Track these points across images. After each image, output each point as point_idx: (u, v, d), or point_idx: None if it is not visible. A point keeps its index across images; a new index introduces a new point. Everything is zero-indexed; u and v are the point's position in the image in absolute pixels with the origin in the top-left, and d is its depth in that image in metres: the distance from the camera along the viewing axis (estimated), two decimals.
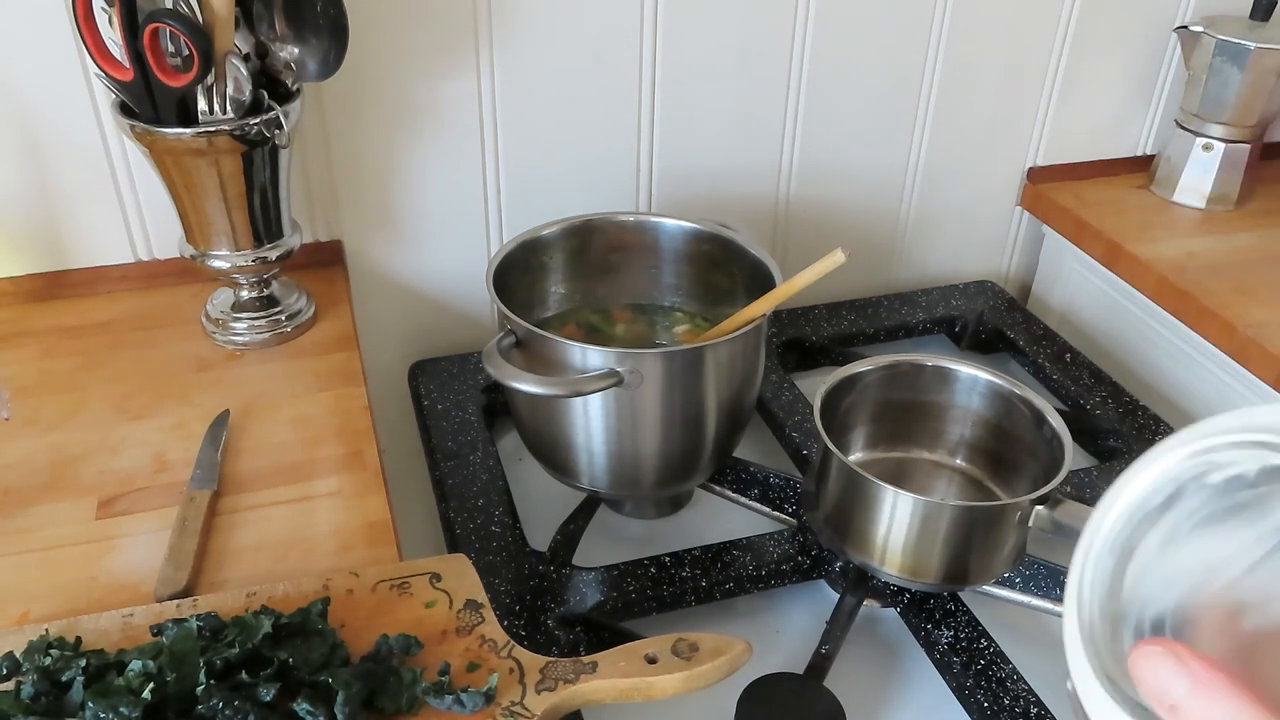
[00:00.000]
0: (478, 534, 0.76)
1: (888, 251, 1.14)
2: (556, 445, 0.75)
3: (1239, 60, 1.01)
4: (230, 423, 0.75)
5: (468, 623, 0.58)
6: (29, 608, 0.60)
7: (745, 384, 0.75)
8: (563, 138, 0.96)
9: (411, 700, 0.53)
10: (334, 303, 0.90)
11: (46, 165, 0.85)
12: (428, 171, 0.94)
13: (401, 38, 0.87)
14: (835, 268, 0.66)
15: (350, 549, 0.65)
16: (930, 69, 1.03)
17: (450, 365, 0.96)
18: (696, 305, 0.86)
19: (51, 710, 0.50)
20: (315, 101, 0.87)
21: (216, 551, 0.64)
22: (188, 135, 0.72)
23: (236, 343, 0.84)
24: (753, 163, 1.03)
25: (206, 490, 0.68)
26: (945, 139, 1.08)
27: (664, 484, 0.77)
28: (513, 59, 0.91)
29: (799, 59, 0.98)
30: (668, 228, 0.84)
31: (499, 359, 0.66)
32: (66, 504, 0.68)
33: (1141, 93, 1.12)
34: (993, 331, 1.05)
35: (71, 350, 0.83)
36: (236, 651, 0.52)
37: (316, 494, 0.69)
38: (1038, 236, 1.17)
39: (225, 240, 0.80)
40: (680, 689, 0.55)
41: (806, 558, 0.76)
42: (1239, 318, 0.90)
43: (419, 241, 0.97)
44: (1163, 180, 1.11)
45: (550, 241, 0.82)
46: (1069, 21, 1.05)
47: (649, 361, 0.68)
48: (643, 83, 0.95)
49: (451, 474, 0.82)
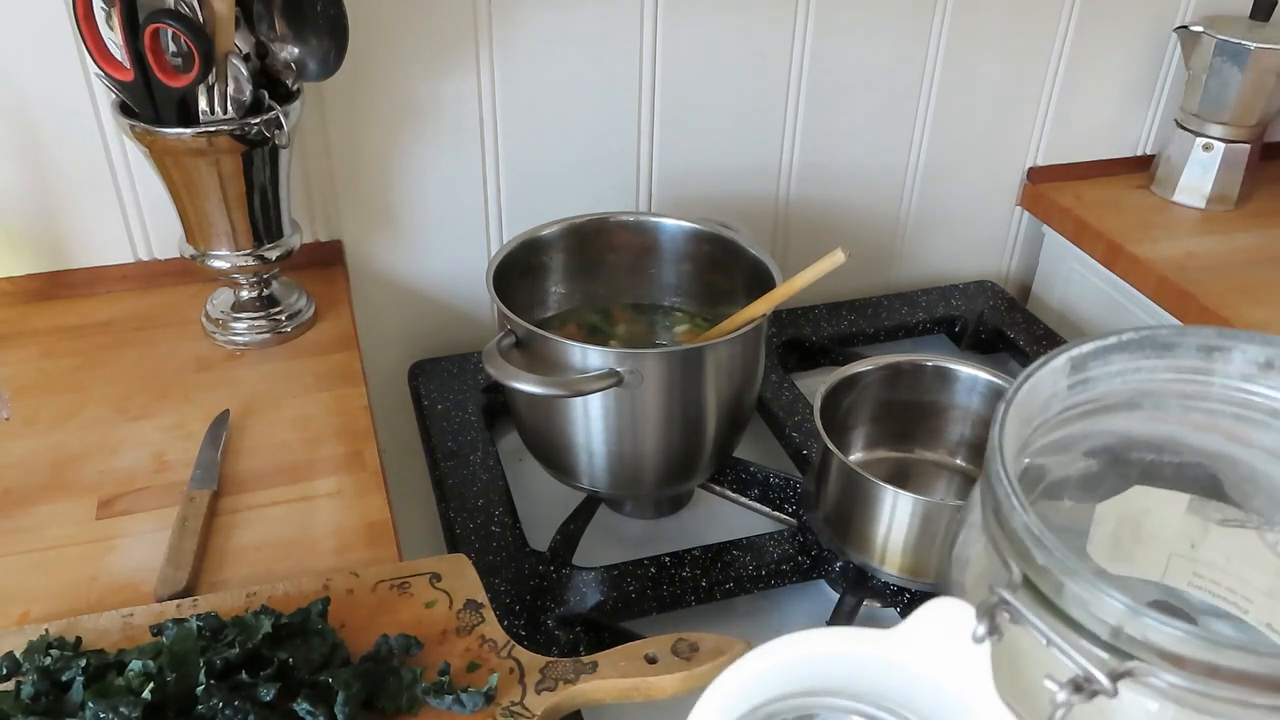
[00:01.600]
0: (478, 534, 0.76)
1: (888, 251, 1.14)
2: (556, 445, 0.75)
3: (1239, 60, 1.01)
4: (230, 423, 0.75)
5: (468, 623, 0.58)
6: (29, 608, 0.60)
7: (745, 384, 0.75)
8: (563, 138, 0.96)
9: (411, 700, 0.53)
10: (334, 303, 0.90)
11: (46, 165, 0.85)
12: (428, 171, 0.94)
13: (401, 38, 0.87)
14: (835, 268, 0.66)
15: (350, 549, 0.65)
16: (930, 69, 1.03)
17: (450, 365, 0.96)
18: (696, 305, 0.86)
19: (51, 710, 0.50)
20: (315, 101, 0.87)
21: (216, 551, 0.64)
22: (188, 135, 0.72)
23: (236, 343, 0.84)
24: (753, 163, 1.03)
25: (206, 490, 0.68)
26: (945, 139, 1.08)
27: (664, 484, 0.77)
28: (513, 59, 0.91)
29: (799, 59, 0.98)
30: (668, 228, 0.84)
31: (499, 359, 0.66)
32: (66, 504, 0.68)
33: (1141, 93, 1.12)
34: (993, 331, 1.05)
35: (71, 350, 0.83)
36: (236, 651, 0.52)
37: (316, 494, 0.69)
38: (1038, 236, 1.17)
39: (225, 240, 0.80)
40: (680, 689, 0.55)
41: (806, 558, 0.76)
42: (1239, 318, 0.90)
43: (419, 241, 0.97)
44: (1163, 180, 1.11)
45: (550, 241, 0.82)
46: (1069, 22, 1.05)
47: (649, 361, 0.68)
48: (643, 83, 0.95)
49: (451, 474, 0.82)
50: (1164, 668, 0.27)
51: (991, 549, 0.33)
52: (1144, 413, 0.46)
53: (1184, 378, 0.45)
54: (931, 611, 0.30)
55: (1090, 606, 0.28)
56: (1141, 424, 0.46)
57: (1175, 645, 0.26)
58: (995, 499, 0.32)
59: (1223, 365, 0.45)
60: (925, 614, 0.30)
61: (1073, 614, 0.28)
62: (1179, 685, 0.27)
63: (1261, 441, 0.46)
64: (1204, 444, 0.47)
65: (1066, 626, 0.29)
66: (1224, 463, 0.48)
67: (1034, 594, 0.30)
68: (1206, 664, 0.27)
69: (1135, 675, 0.27)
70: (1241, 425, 0.46)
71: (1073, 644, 0.28)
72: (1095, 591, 0.28)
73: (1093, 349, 0.43)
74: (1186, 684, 0.27)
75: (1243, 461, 0.47)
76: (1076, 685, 0.27)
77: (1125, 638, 0.28)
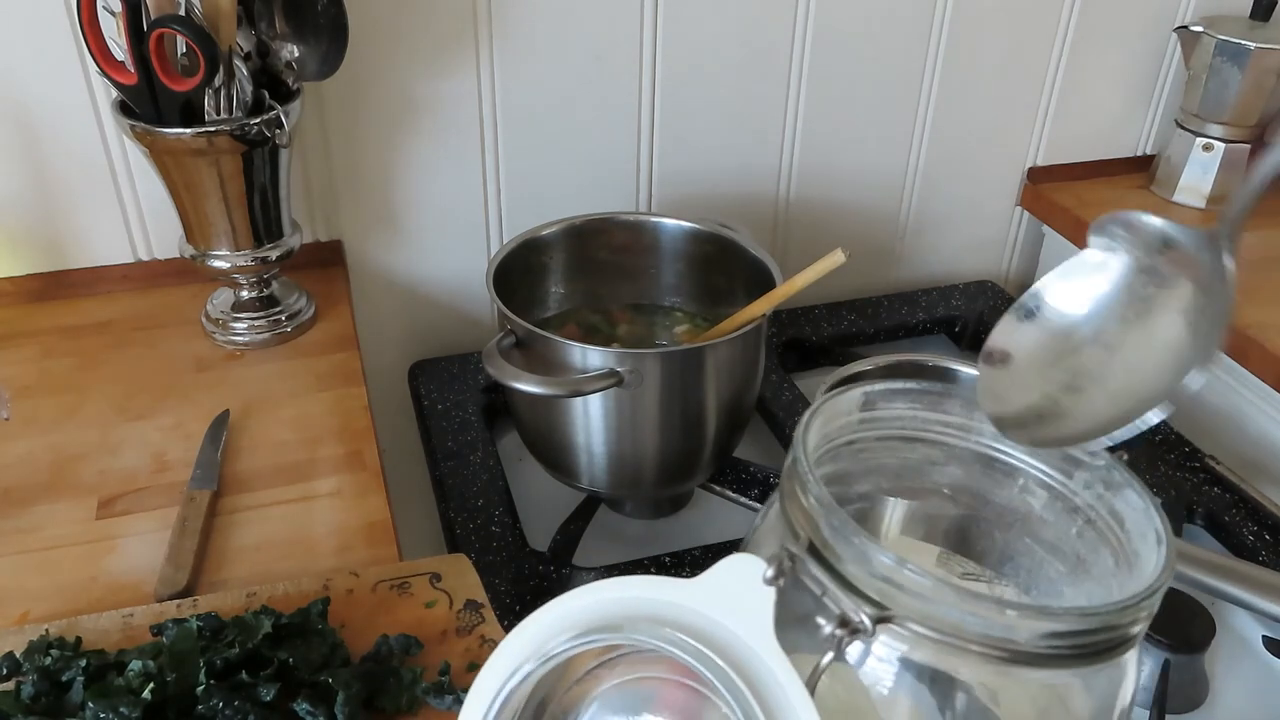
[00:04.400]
0: (478, 534, 0.76)
1: (888, 251, 1.14)
2: (556, 445, 0.75)
3: (1239, 60, 1.01)
4: (230, 423, 0.75)
5: (468, 623, 0.58)
6: (29, 608, 0.60)
7: (745, 384, 0.75)
8: (563, 138, 0.96)
9: (411, 700, 0.53)
10: (334, 303, 0.90)
11: (46, 165, 0.85)
12: (428, 171, 0.94)
13: (401, 38, 0.87)
14: (835, 268, 0.66)
15: (350, 549, 0.65)
16: (930, 69, 1.03)
17: (450, 365, 0.96)
18: (696, 305, 0.86)
19: (51, 710, 0.50)
20: (315, 101, 0.87)
21: (216, 551, 0.64)
22: (188, 135, 0.72)
23: (236, 343, 0.84)
24: (753, 163, 1.03)
25: (206, 490, 0.68)
26: (945, 139, 1.08)
27: (664, 484, 0.77)
28: (513, 59, 0.91)
29: (799, 59, 0.98)
30: (668, 228, 0.84)
31: (499, 359, 0.67)
32: (66, 504, 0.68)
33: (1141, 93, 1.12)
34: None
35: (71, 350, 0.83)
36: (236, 651, 0.52)
37: (316, 494, 0.69)
38: (1038, 236, 1.17)
39: (225, 240, 0.80)
40: None
41: None
42: (1239, 318, 0.90)
43: (419, 241, 0.97)
44: (1163, 180, 1.11)
45: (550, 241, 0.82)
46: (1069, 21, 1.05)
47: (649, 361, 0.68)
48: (643, 83, 0.95)
49: (451, 474, 0.82)
50: (915, 619, 0.33)
51: (784, 524, 0.39)
52: (918, 456, 0.50)
53: (949, 432, 0.49)
54: (728, 564, 0.34)
55: (865, 566, 0.34)
56: (916, 466, 0.51)
57: (926, 591, 0.33)
58: (796, 479, 0.37)
59: (980, 423, 0.49)
60: (722, 566, 0.34)
61: (848, 573, 0.35)
62: (924, 634, 0.33)
63: (997, 500, 0.50)
64: (958, 496, 0.51)
65: (841, 587, 0.35)
66: (968, 519, 0.52)
67: (816, 558, 0.36)
68: (949, 617, 0.33)
69: (894, 622, 0.33)
70: (986, 482, 0.50)
71: (845, 596, 0.34)
72: (868, 552, 0.34)
73: (882, 389, 0.48)
74: (931, 634, 0.33)
75: (982, 518, 0.51)
76: (843, 620, 0.33)
77: (890, 590, 0.33)
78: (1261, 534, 0.79)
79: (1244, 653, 0.73)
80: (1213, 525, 0.81)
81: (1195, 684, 0.69)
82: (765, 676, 0.31)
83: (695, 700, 0.34)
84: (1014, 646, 0.34)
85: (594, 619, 0.34)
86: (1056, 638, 0.34)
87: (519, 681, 0.34)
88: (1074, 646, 0.35)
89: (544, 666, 0.34)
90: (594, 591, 0.35)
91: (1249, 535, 0.79)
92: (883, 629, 0.33)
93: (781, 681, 0.31)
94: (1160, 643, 0.67)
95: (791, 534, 0.39)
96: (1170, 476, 0.84)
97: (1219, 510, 0.81)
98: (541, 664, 0.33)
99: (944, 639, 0.33)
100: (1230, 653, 0.72)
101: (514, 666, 0.34)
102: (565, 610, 0.35)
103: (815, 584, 0.35)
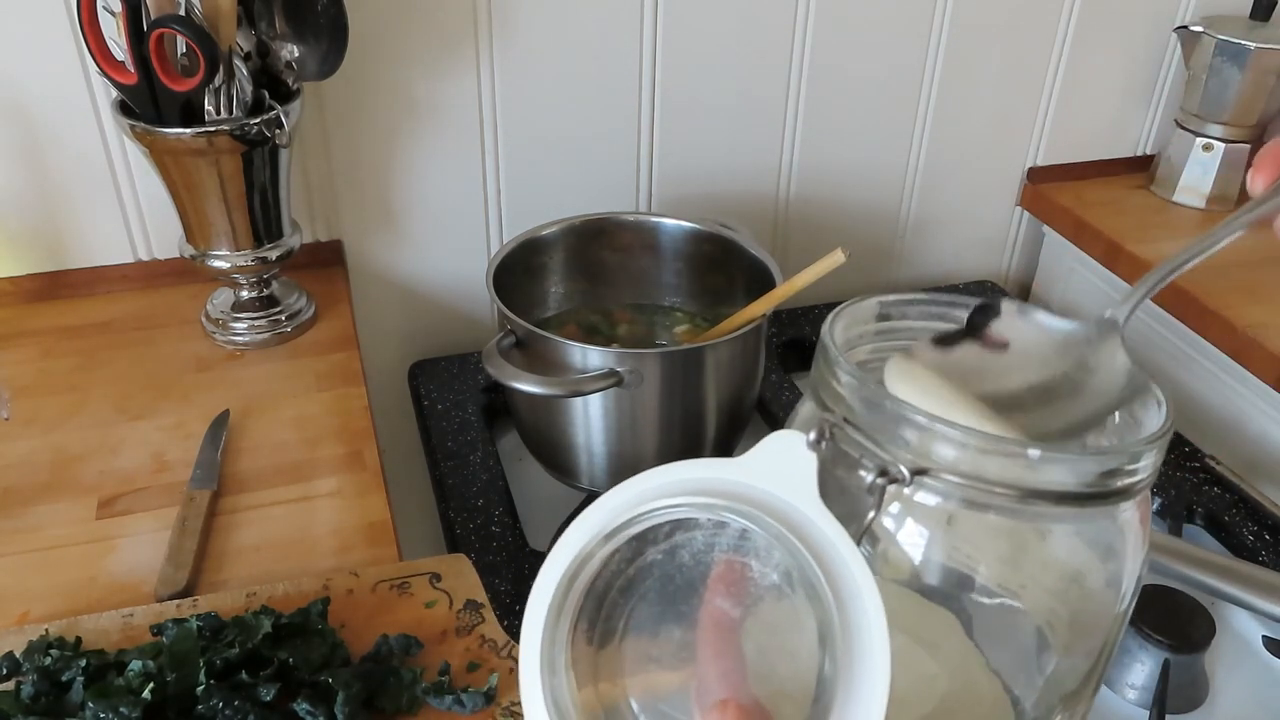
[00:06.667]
0: (478, 534, 0.76)
1: (888, 251, 1.14)
2: (556, 445, 0.75)
3: (1239, 60, 1.01)
4: (230, 423, 0.75)
5: (468, 623, 0.58)
6: (29, 608, 0.60)
7: (745, 384, 0.75)
8: (563, 138, 0.96)
9: (411, 700, 0.53)
10: (334, 303, 0.90)
11: (46, 165, 0.85)
12: (428, 171, 0.94)
13: (401, 38, 0.87)
14: (835, 267, 0.66)
15: (350, 549, 0.65)
16: (930, 69, 1.03)
17: (450, 365, 0.96)
18: (696, 305, 0.86)
19: (51, 710, 0.51)
20: (315, 101, 0.87)
21: (216, 551, 0.64)
22: (188, 135, 0.72)
23: (236, 343, 0.84)
24: (753, 163, 1.03)
25: (206, 490, 0.68)
26: (945, 139, 1.08)
27: None
28: (513, 59, 0.91)
29: (799, 59, 0.98)
30: (668, 228, 0.84)
31: (499, 359, 0.67)
32: (66, 504, 0.68)
33: (1141, 93, 1.12)
34: None
35: (71, 350, 0.83)
36: (236, 651, 0.52)
37: (316, 494, 0.69)
38: (1038, 236, 1.17)
39: (225, 240, 0.80)
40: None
41: None
42: (1239, 318, 0.90)
43: (419, 241, 0.97)
44: (1163, 180, 1.11)
45: (550, 241, 0.82)
46: (1069, 21, 1.05)
47: (649, 361, 0.68)
48: (643, 83, 0.95)
49: (451, 474, 0.82)
50: (949, 471, 0.35)
51: (816, 406, 0.40)
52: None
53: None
54: (771, 440, 0.36)
55: (900, 425, 0.36)
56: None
57: (956, 438, 0.35)
58: (825, 367, 0.40)
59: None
60: (766, 442, 0.36)
61: (885, 433, 0.37)
62: (957, 483, 0.36)
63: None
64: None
65: (879, 446, 0.37)
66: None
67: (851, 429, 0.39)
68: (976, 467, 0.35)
69: (930, 474, 0.35)
70: None
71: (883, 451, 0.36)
72: (901, 410, 0.36)
73: (895, 300, 0.48)
74: (962, 482, 0.35)
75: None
76: (882, 470, 0.35)
77: (924, 445, 0.36)
78: (1261, 534, 0.79)
79: (1244, 653, 0.73)
80: (1213, 525, 0.81)
81: (1195, 684, 0.69)
82: (815, 535, 0.34)
83: (745, 577, 0.36)
84: (1038, 486, 0.36)
85: (654, 498, 0.36)
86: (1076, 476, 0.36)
87: (592, 550, 0.35)
88: (1092, 485, 0.36)
89: (610, 543, 0.35)
90: (643, 480, 0.37)
91: (1249, 535, 0.79)
92: (919, 481, 0.36)
93: (830, 536, 0.34)
94: (1160, 643, 0.67)
95: (825, 410, 0.41)
96: (1170, 476, 0.84)
97: (1219, 510, 0.81)
98: (610, 536, 0.35)
99: (973, 485, 0.36)
100: (1230, 653, 0.73)
101: (585, 541, 0.35)
102: (623, 496, 0.37)
103: (854, 447, 0.37)
